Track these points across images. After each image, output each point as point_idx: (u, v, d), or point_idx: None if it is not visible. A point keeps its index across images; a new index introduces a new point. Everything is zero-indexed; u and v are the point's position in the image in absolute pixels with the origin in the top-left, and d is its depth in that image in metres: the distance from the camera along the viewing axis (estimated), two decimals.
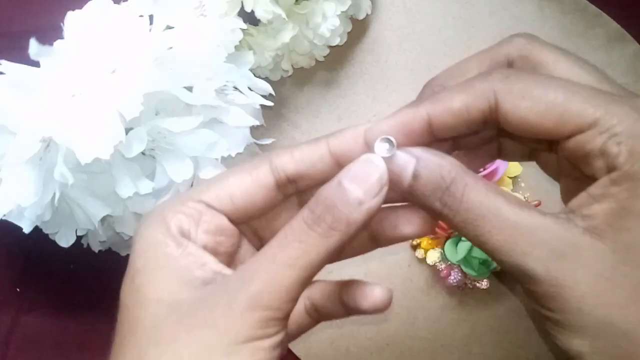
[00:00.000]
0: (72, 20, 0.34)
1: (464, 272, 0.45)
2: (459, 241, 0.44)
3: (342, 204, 0.24)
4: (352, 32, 0.46)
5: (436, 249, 0.46)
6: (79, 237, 0.38)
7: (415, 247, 0.47)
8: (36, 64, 0.34)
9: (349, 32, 0.45)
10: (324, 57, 0.45)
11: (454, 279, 0.45)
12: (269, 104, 0.39)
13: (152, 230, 0.25)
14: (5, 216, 0.34)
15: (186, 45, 0.35)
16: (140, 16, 0.35)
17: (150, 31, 0.35)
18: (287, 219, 0.25)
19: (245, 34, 0.40)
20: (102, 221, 0.37)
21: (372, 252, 0.29)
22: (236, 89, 0.38)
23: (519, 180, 0.46)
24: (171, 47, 0.35)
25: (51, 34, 0.33)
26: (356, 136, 0.25)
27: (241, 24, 0.39)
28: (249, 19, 0.40)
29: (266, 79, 0.42)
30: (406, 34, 0.48)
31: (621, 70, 0.46)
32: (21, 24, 0.48)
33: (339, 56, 0.48)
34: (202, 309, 0.24)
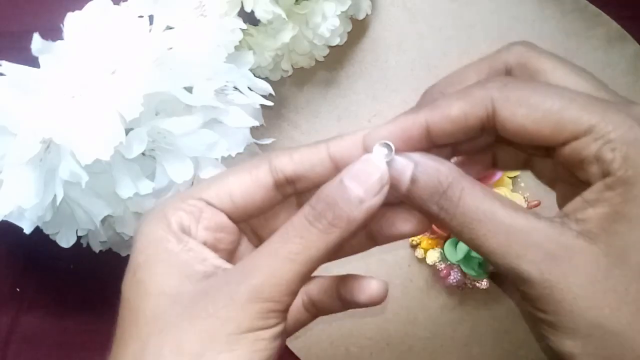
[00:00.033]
0: (72, 20, 0.34)
1: (464, 272, 0.45)
2: (458, 241, 0.44)
3: (343, 201, 0.24)
4: (352, 32, 0.46)
5: (436, 248, 0.46)
6: (79, 237, 0.39)
7: (415, 247, 0.47)
8: (36, 64, 0.34)
9: (349, 32, 0.45)
10: (324, 57, 0.45)
11: (453, 278, 0.45)
12: (269, 104, 0.40)
13: (153, 226, 0.26)
14: (5, 217, 0.34)
15: (186, 45, 0.35)
16: (140, 16, 0.35)
17: (150, 31, 0.35)
18: (286, 219, 0.25)
19: (245, 34, 0.40)
20: (102, 221, 0.37)
21: (371, 251, 0.29)
22: (236, 89, 0.38)
23: (518, 180, 0.46)
24: (171, 48, 0.35)
25: (51, 34, 0.33)
26: (356, 141, 0.26)
27: (241, 24, 0.39)
28: (249, 19, 0.40)
29: (266, 79, 0.42)
30: (406, 34, 0.48)
31: (621, 70, 0.46)
32: (21, 24, 0.48)
33: (339, 56, 0.48)
34: (204, 300, 0.24)
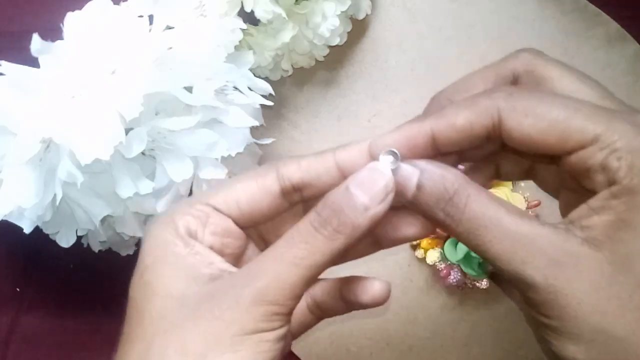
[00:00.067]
0: (72, 20, 0.35)
1: (464, 272, 0.45)
2: (458, 241, 0.44)
3: (349, 208, 0.24)
4: (352, 32, 0.46)
5: (436, 248, 0.46)
6: (79, 237, 0.39)
7: (415, 247, 0.47)
8: (36, 64, 0.34)
9: (348, 32, 0.45)
10: (324, 57, 0.45)
11: (453, 278, 0.45)
12: (269, 103, 0.40)
13: (161, 230, 0.26)
14: (5, 217, 0.34)
15: (186, 45, 0.35)
16: (140, 16, 0.35)
17: (150, 31, 0.36)
18: (292, 226, 0.26)
19: (245, 34, 0.40)
20: (102, 221, 0.37)
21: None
22: (236, 89, 0.38)
23: None
24: (171, 47, 0.35)
25: (51, 34, 0.34)
26: (362, 149, 0.26)
27: (241, 24, 0.39)
28: (249, 19, 0.40)
29: (266, 79, 0.42)
30: (406, 34, 0.48)
31: (621, 70, 0.46)
32: (21, 24, 0.48)
33: (339, 56, 0.48)
34: (209, 302, 0.24)
